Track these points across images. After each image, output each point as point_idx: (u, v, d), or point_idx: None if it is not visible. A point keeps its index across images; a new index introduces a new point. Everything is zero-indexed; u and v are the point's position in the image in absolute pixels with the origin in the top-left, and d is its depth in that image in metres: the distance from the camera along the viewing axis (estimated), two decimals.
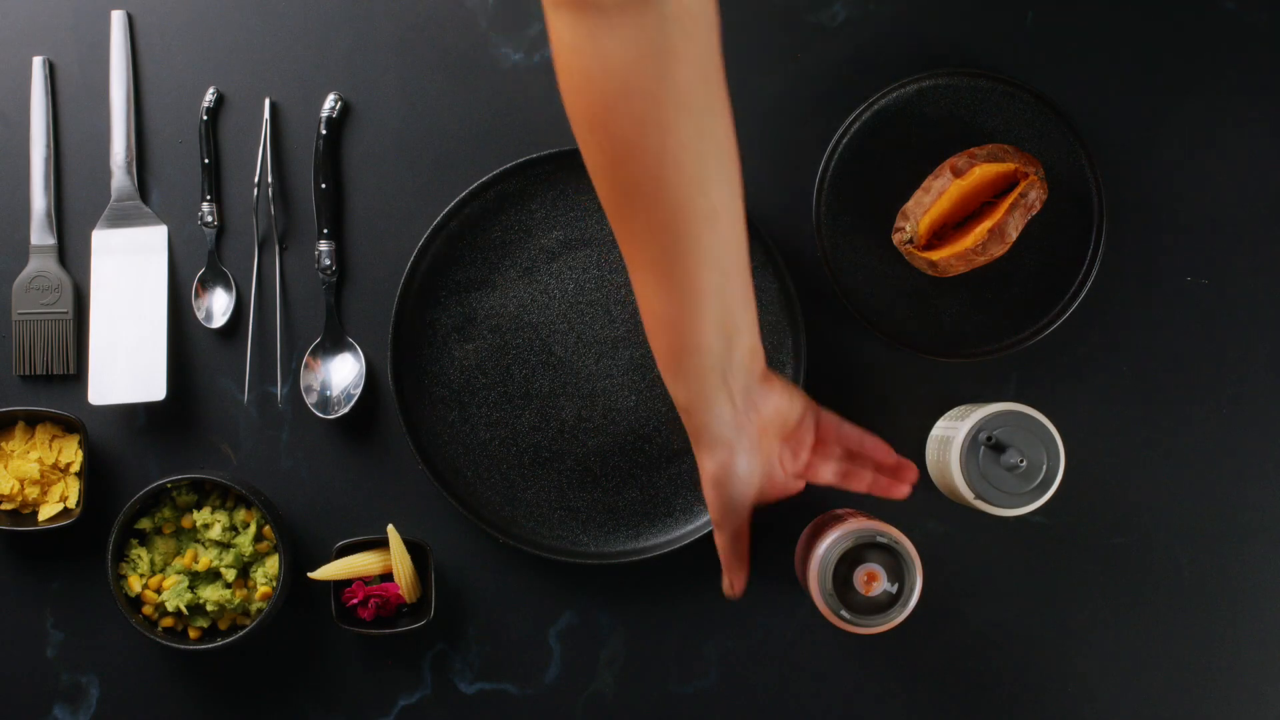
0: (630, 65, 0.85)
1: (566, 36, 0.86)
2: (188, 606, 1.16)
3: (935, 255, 1.17)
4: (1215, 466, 1.21)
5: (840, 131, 1.21)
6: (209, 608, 1.17)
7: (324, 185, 1.21)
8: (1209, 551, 1.21)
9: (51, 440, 1.19)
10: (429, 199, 1.22)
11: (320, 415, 1.20)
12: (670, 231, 0.91)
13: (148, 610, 1.17)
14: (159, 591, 1.17)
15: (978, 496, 1.11)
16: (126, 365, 1.20)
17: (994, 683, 1.21)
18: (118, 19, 1.23)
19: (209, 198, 1.22)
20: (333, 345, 1.21)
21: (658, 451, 1.21)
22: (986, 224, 1.16)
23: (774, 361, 1.21)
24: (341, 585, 1.18)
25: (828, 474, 1.05)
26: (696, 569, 1.21)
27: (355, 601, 1.17)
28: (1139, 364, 1.22)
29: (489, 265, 1.21)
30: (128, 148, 1.22)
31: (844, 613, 1.06)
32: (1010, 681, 1.21)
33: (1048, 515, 1.21)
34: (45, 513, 1.18)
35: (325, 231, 1.21)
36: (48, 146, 1.22)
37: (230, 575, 1.17)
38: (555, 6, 0.86)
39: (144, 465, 1.22)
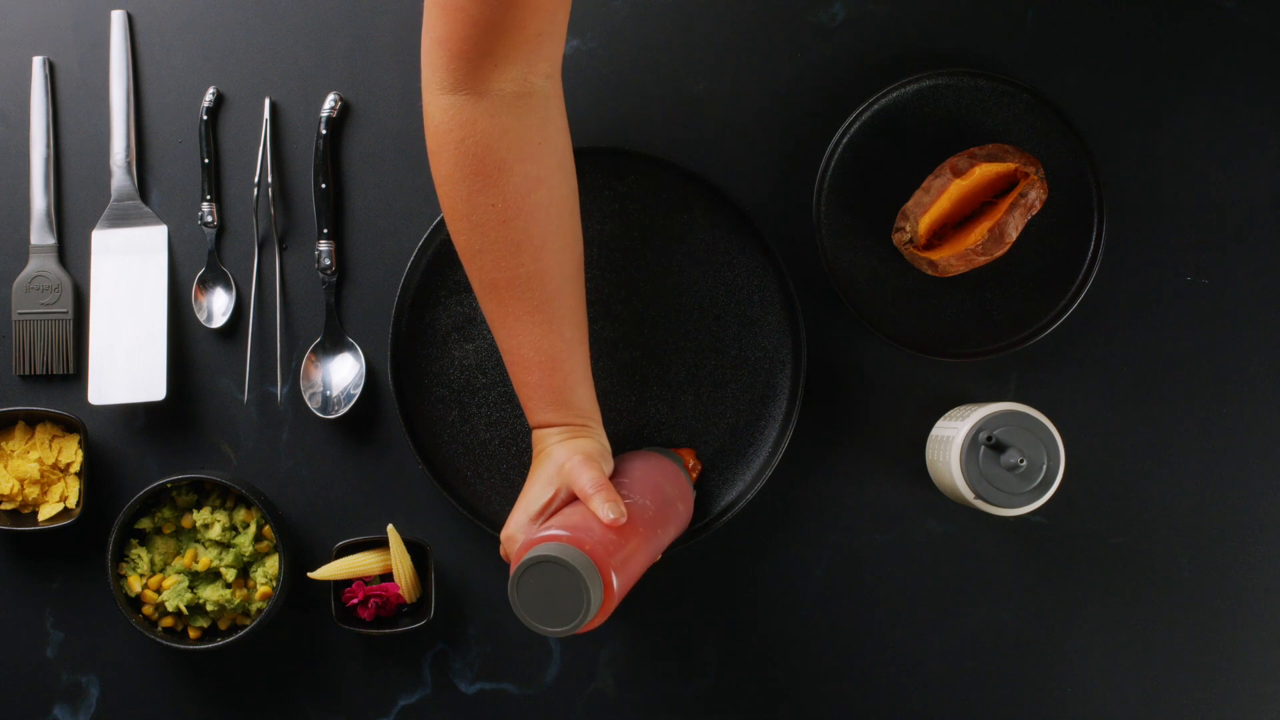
0: (521, 134, 1.02)
1: (459, 116, 1.01)
2: (188, 606, 1.16)
3: (935, 255, 1.17)
4: (1215, 466, 1.21)
5: (840, 131, 1.21)
6: (209, 608, 1.17)
7: (324, 185, 1.21)
8: (1209, 551, 1.21)
9: (51, 440, 1.19)
10: (429, 199, 1.22)
11: (320, 415, 1.20)
12: (555, 277, 1.05)
13: (148, 610, 1.17)
14: (159, 591, 1.17)
15: (978, 496, 1.11)
16: (126, 365, 1.20)
17: (993, 682, 1.21)
18: (118, 19, 1.23)
19: (209, 198, 1.22)
20: (333, 345, 1.21)
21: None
22: (986, 224, 1.16)
23: (774, 361, 1.21)
24: (341, 585, 1.18)
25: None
26: (696, 569, 1.21)
27: (355, 601, 1.17)
28: (1139, 364, 1.22)
29: None
30: (128, 148, 1.22)
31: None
32: (1009, 681, 1.21)
33: (1048, 515, 1.21)
34: (45, 513, 1.18)
35: (325, 231, 1.21)
36: (48, 146, 1.22)
37: (230, 575, 1.17)
38: (450, 91, 1.01)
39: (144, 465, 1.22)
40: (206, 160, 1.22)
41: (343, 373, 1.21)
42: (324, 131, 1.21)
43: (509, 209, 1.02)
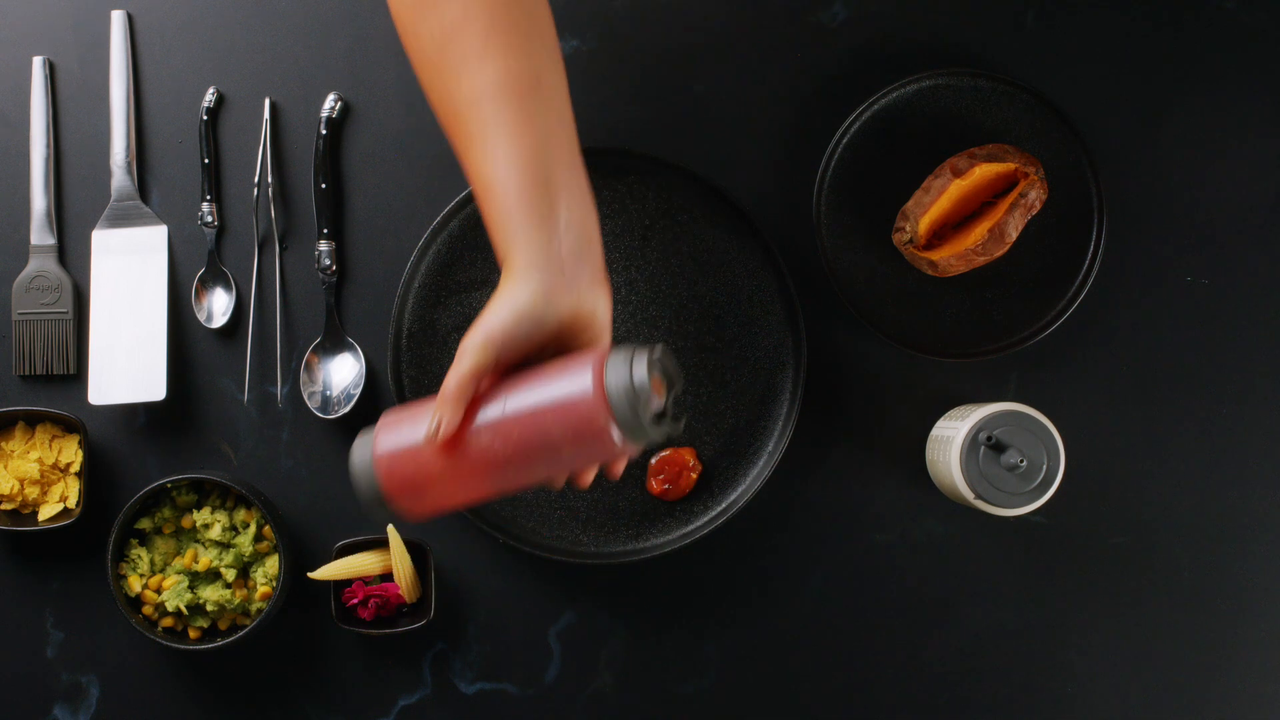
0: None
1: None
2: (188, 606, 1.16)
3: (935, 255, 1.17)
4: (1215, 466, 1.21)
5: (840, 131, 1.21)
6: (209, 608, 1.17)
7: (324, 185, 1.21)
8: (1209, 551, 1.21)
9: (51, 440, 1.19)
10: (429, 199, 1.23)
11: (320, 415, 1.20)
12: (499, 94, 0.94)
13: (148, 610, 1.17)
14: (159, 591, 1.17)
15: (978, 496, 1.11)
16: (126, 365, 1.20)
17: (993, 682, 1.21)
18: (118, 19, 1.23)
19: (209, 198, 1.22)
20: (333, 345, 1.21)
21: (657, 452, 1.21)
22: (986, 224, 1.16)
23: (774, 361, 1.21)
24: (341, 585, 1.18)
25: None
26: (696, 569, 1.21)
27: (355, 601, 1.17)
28: (1139, 364, 1.22)
29: (489, 265, 1.21)
30: (128, 148, 1.22)
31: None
32: (1010, 681, 1.21)
33: (1048, 515, 1.21)
34: (45, 513, 1.18)
35: (325, 231, 1.21)
36: (48, 146, 1.22)
37: (230, 575, 1.17)
38: None
39: (144, 465, 1.22)
40: (206, 160, 1.22)
41: (343, 373, 1.21)
42: (324, 131, 1.21)
43: (446, 33, 0.95)
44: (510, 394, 0.90)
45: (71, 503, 1.19)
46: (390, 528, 1.17)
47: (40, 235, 1.22)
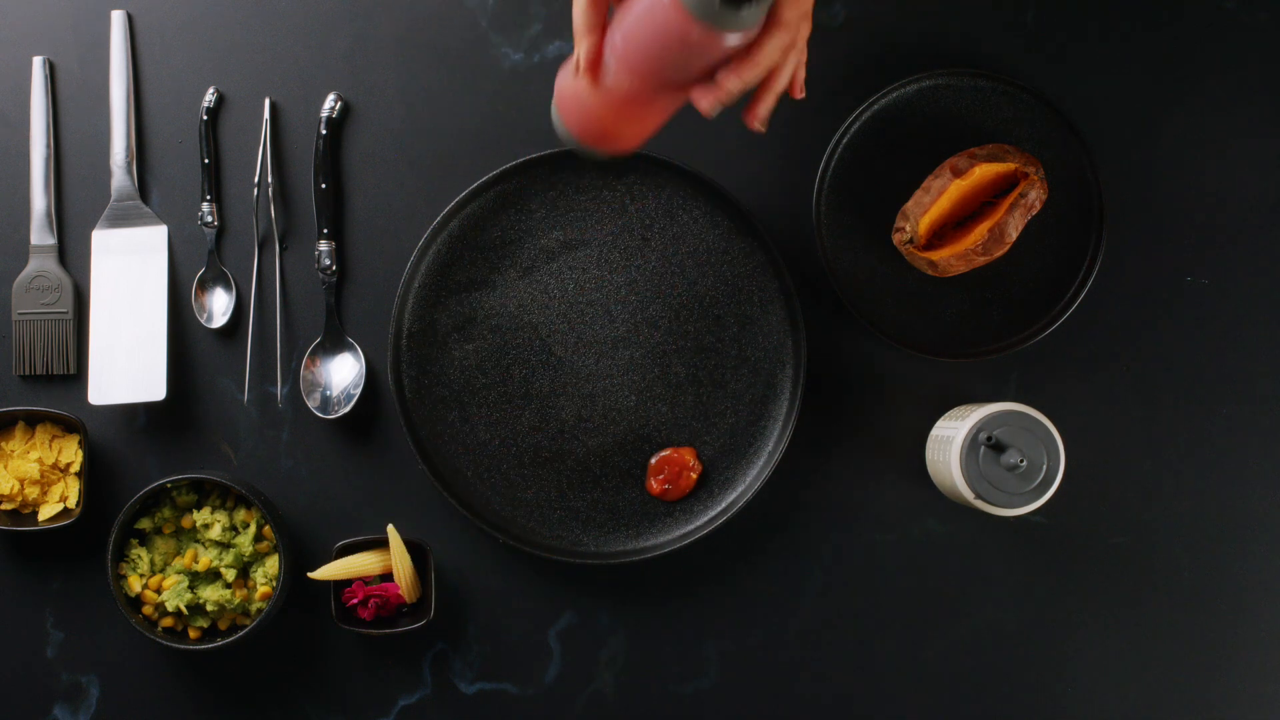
0: None
1: None
2: (188, 606, 1.16)
3: (935, 255, 1.17)
4: (1215, 466, 1.21)
5: (840, 131, 1.21)
6: (209, 608, 1.17)
7: (324, 185, 1.21)
8: (1209, 551, 1.21)
9: (51, 440, 1.19)
10: (429, 199, 1.23)
11: (320, 415, 1.20)
12: None
13: (148, 610, 1.17)
14: (159, 591, 1.17)
15: (978, 496, 1.11)
16: (126, 365, 1.20)
17: (993, 682, 1.21)
18: (118, 19, 1.23)
19: (209, 198, 1.22)
20: (333, 345, 1.21)
21: (657, 451, 1.21)
22: (986, 224, 1.16)
23: (774, 361, 1.21)
24: (341, 585, 1.18)
25: None
26: (696, 569, 1.21)
27: (355, 601, 1.17)
28: (1139, 364, 1.22)
29: (489, 265, 1.21)
30: (128, 148, 1.22)
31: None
32: (1009, 681, 1.21)
33: (1048, 515, 1.21)
34: (45, 513, 1.18)
35: (325, 231, 1.21)
36: (48, 146, 1.22)
37: (230, 575, 1.17)
38: None
39: (144, 465, 1.22)
40: (206, 160, 1.22)
41: (343, 373, 1.21)
42: (324, 131, 1.21)
43: None
44: (622, 16, 0.91)
45: (71, 503, 1.19)
46: (390, 527, 1.17)
47: (40, 235, 1.22)
